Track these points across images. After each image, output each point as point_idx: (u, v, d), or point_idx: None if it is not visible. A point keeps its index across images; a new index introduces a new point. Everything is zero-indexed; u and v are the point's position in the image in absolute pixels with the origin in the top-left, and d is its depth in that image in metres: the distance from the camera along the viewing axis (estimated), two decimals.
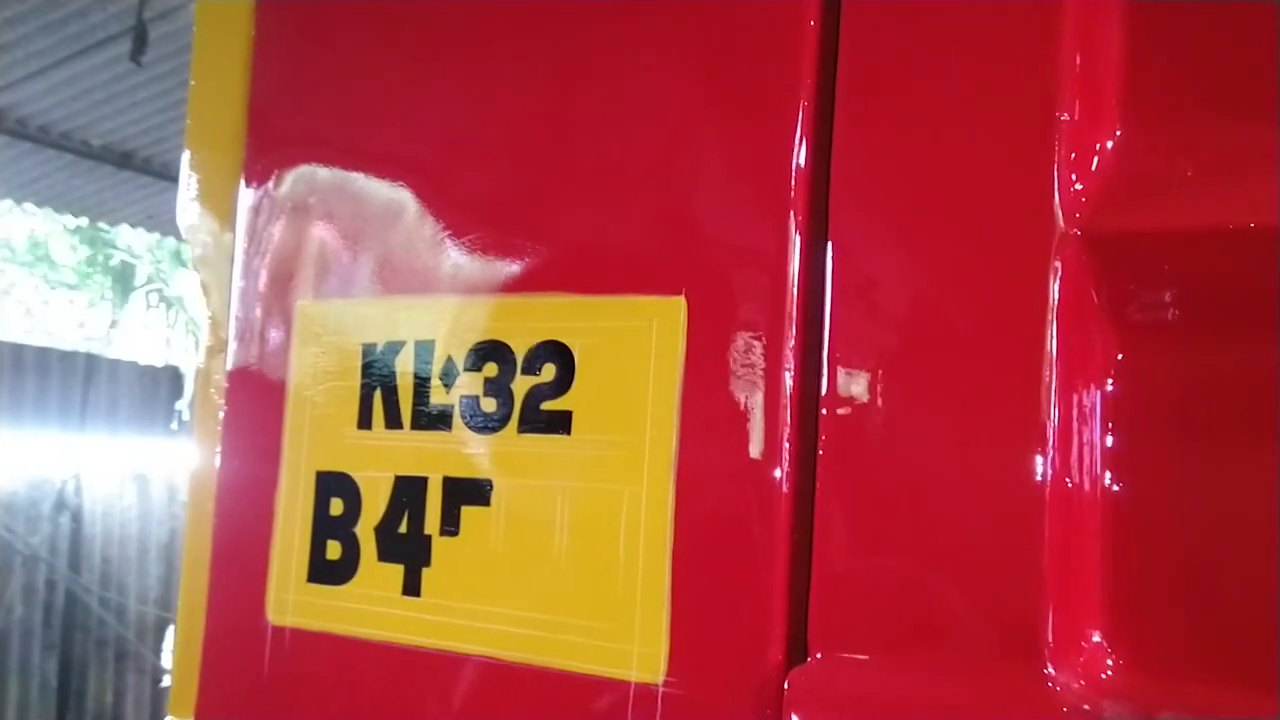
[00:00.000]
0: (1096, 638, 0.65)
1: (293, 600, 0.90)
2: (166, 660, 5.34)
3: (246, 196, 0.97)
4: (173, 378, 5.41)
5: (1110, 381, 0.65)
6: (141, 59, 4.10)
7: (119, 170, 5.61)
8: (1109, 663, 0.65)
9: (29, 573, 4.61)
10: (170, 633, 5.34)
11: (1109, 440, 0.65)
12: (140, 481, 5.15)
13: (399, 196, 0.89)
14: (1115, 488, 0.65)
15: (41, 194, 5.87)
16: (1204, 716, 0.62)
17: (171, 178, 5.82)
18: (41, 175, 5.56)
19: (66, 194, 5.86)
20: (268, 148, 0.97)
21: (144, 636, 5.13)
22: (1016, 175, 0.66)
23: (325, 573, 0.89)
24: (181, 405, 5.30)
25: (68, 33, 4.45)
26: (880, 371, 0.70)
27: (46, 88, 4.79)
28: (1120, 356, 0.65)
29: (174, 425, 5.29)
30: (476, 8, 0.87)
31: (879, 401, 0.69)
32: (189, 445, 1.02)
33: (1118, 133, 0.65)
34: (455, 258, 0.86)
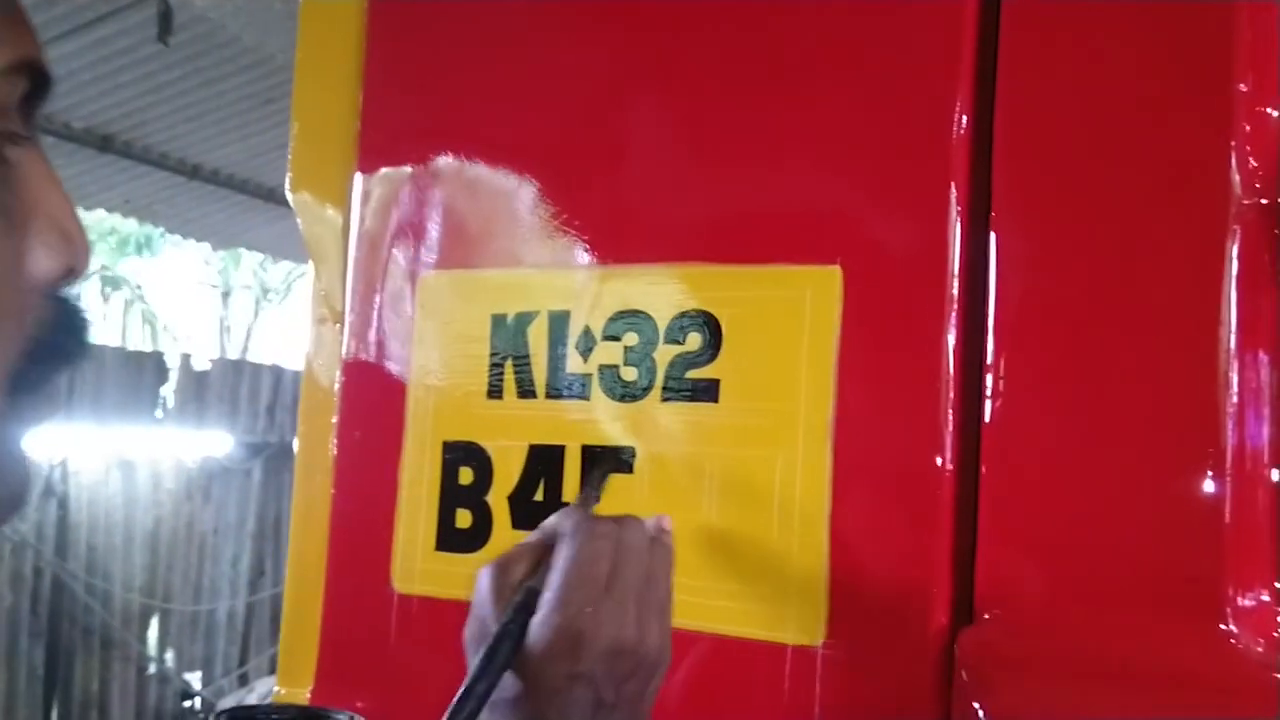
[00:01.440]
0: (1265, 596, 0.67)
1: (420, 568, 0.91)
2: (151, 648, 5.30)
3: (364, 172, 0.97)
4: (157, 364, 5.34)
5: None
6: (169, 39, 4.05)
7: (100, 154, 5.52)
8: None
9: (17, 560, 4.55)
10: (155, 620, 5.30)
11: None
12: (125, 468, 5.09)
13: (528, 167, 0.90)
14: None
15: None
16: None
17: (152, 161, 5.75)
18: None
19: None
20: (385, 125, 0.97)
21: (129, 624, 5.07)
22: (1193, 144, 0.68)
23: (455, 541, 0.89)
24: (166, 392, 5.25)
25: (53, 14, 4.38)
26: (1049, 339, 0.71)
27: None
28: None
29: (159, 412, 5.23)
30: None
31: (1048, 364, 0.71)
32: (301, 424, 1.02)
33: None
34: (590, 229, 0.87)
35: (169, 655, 5.35)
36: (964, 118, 0.75)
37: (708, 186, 0.83)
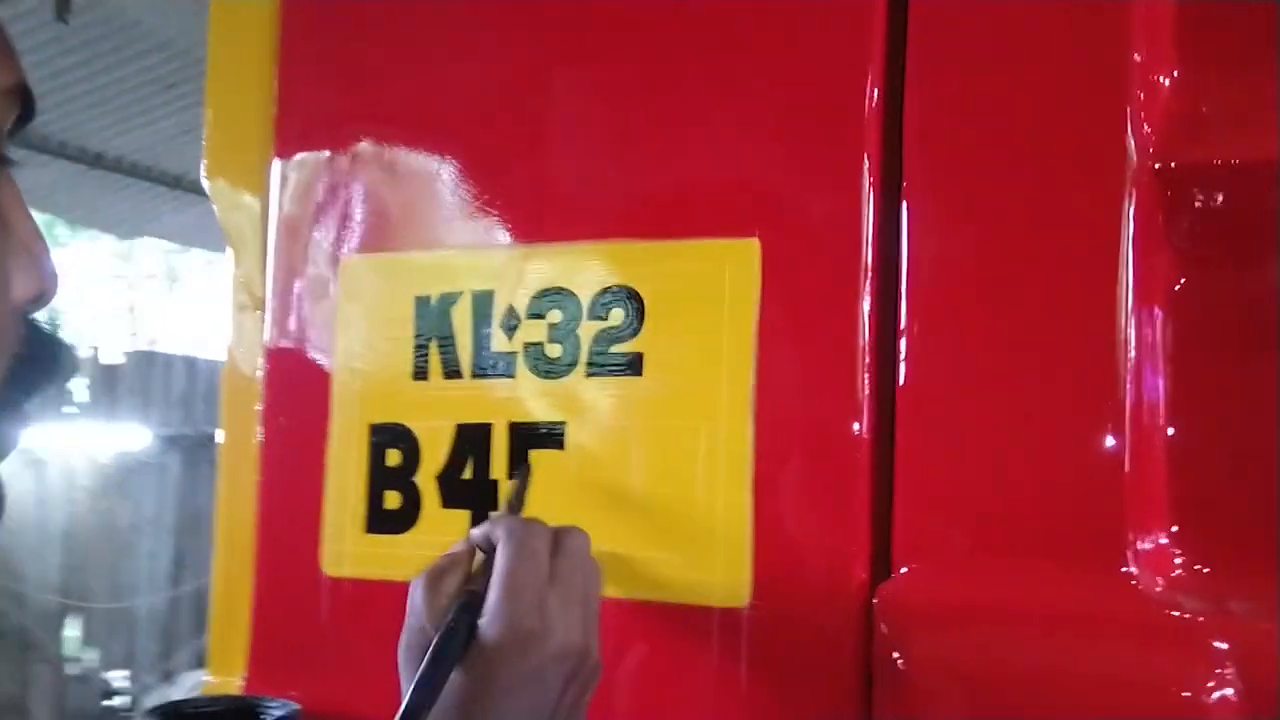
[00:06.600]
0: (1164, 540, 0.71)
1: (349, 551, 0.91)
2: (70, 648, 5.19)
3: (281, 157, 0.97)
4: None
5: (1174, 303, 0.71)
6: (68, 17, 3.93)
7: None
8: (1177, 561, 0.71)
9: None
10: (71, 621, 5.19)
11: (1174, 357, 0.71)
12: (36, 466, 4.97)
13: (446, 149, 0.90)
14: (1179, 400, 0.71)
15: None
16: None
17: (51, 150, 5.58)
18: None
19: None
20: (302, 109, 0.97)
21: (47, 625, 4.97)
22: (1091, 112, 0.71)
23: (384, 522, 0.90)
24: (76, 386, 5.13)
25: None
26: (958, 300, 0.74)
27: None
28: (1183, 279, 0.71)
29: (69, 408, 5.11)
30: None
31: (958, 327, 0.74)
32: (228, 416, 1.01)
33: (1179, 71, 0.71)
34: (511, 208, 0.88)
35: (90, 655, 5.25)
36: (875, 90, 0.77)
37: (626, 163, 0.84)
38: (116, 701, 5.33)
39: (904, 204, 0.75)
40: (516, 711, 0.64)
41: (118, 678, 5.37)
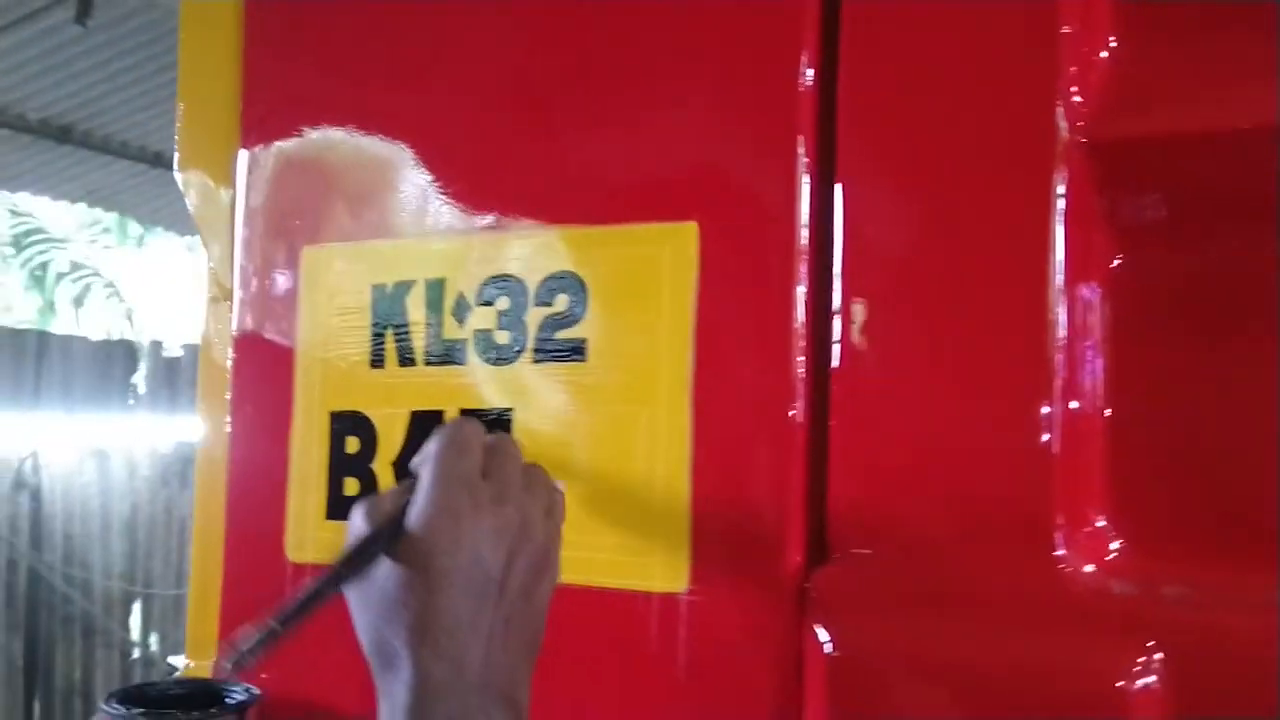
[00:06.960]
0: (1100, 523, 0.69)
1: (312, 537, 0.92)
2: (134, 634, 5.32)
3: (247, 148, 0.98)
4: (127, 353, 5.33)
5: (1110, 282, 0.69)
6: (87, 21, 4.01)
7: (58, 145, 5.49)
8: (1113, 545, 0.69)
9: None
10: (137, 606, 5.32)
11: (1109, 338, 0.69)
12: (99, 457, 5.09)
13: (401, 139, 0.91)
14: (1114, 382, 0.69)
15: None
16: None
17: (113, 151, 5.70)
18: None
19: (2, 170, 5.73)
20: (266, 99, 0.98)
21: (110, 611, 5.09)
22: (1022, 87, 0.69)
23: (344, 509, 0.90)
24: (137, 380, 5.25)
25: (2, 3, 4.34)
26: (891, 282, 0.73)
27: None
28: (1119, 258, 0.69)
29: (130, 400, 5.23)
30: None
31: (891, 309, 0.73)
32: (200, 415, 1.03)
33: (1113, 43, 0.69)
34: (461, 197, 0.88)
35: (153, 639, 5.37)
36: (810, 71, 0.76)
37: (570, 148, 0.84)
38: None
39: (838, 186, 0.74)
40: (458, 596, 0.62)
41: (179, 661, 5.49)
